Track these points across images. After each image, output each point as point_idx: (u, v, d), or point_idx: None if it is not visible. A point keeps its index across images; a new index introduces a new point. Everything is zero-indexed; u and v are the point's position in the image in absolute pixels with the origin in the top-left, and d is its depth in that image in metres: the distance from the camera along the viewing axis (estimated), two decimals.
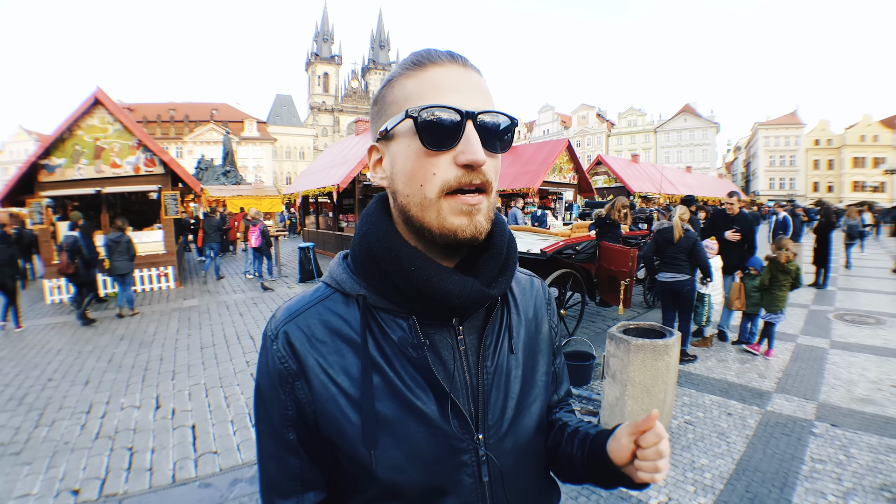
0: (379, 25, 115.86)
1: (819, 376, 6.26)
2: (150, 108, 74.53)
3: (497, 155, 0.84)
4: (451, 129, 0.77)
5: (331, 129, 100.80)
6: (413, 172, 0.81)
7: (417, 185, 0.81)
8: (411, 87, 0.81)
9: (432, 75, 0.81)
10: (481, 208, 0.81)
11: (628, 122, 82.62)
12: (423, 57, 0.82)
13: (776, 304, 6.91)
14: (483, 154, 0.78)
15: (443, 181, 0.79)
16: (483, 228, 0.82)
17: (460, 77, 0.81)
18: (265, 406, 0.91)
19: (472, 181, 0.79)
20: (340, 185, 16.57)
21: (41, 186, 12.93)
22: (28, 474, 4.40)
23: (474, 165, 0.78)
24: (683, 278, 6.77)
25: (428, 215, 0.81)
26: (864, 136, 68.42)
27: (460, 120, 0.77)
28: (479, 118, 0.79)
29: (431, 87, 0.80)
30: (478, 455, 0.88)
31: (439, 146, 0.78)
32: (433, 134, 0.77)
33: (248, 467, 4.44)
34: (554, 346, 1.13)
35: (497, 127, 0.82)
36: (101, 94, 12.94)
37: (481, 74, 0.86)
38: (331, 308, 0.90)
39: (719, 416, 5.20)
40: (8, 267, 9.46)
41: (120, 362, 7.48)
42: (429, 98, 0.79)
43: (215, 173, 37.19)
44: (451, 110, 0.77)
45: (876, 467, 4.18)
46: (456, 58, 0.83)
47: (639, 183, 30.16)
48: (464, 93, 0.80)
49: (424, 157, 0.79)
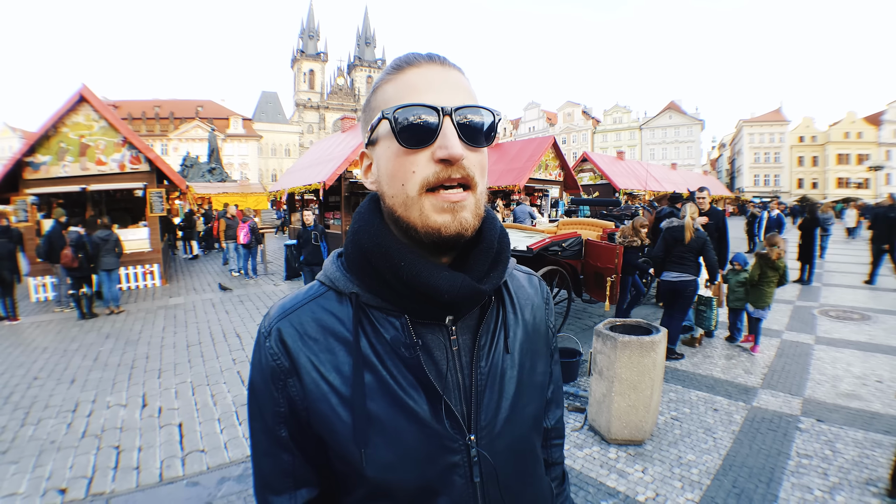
0: (365, 22, 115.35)
1: (804, 372, 6.32)
2: (135, 105, 73.59)
3: (480, 149, 0.84)
4: (428, 126, 0.78)
5: (316, 126, 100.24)
6: (394, 172, 0.82)
7: (399, 184, 0.81)
8: (391, 91, 0.82)
9: (409, 77, 0.81)
10: (466, 204, 0.81)
11: (614, 120, 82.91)
12: (402, 61, 0.84)
13: (764, 299, 6.97)
14: (460, 148, 0.78)
15: (422, 178, 0.79)
16: (469, 225, 0.82)
17: (437, 76, 0.82)
18: (258, 403, 0.90)
19: (451, 175, 0.79)
20: (327, 183, 16.50)
21: (26, 184, 12.79)
22: (14, 473, 4.37)
23: (451, 160, 0.78)
24: (689, 278, 6.74)
25: (412, 214, 0.81)
26: (849, 132, 68.90)
27: (436, 116, 0.78)
28: (458, 113, 0.79)
29: (408, 88, 0.81)
30: (469, 456, 0.88)
31: (416, 144, 0.78)
32: (409, 132, 0.78)
33: (236, 465, 4.42)
34: (551, 346, 1.13)
35: (477, 121, 0.82)
36: (86, 91, 12.81)
37: (462, 72, 0.86)
38: (324, 306, 0.90)
39: (706, 412, 5.24)
40: (6, 260, 10.00)
41: (106, 360, 7.43)
42: (406, 99, 0.79)
43: (201, 170, 36.87)
44: (426, 107, 0.77)
45: (862, 462, 4.23)
46: (434, 58, 0.84)
47: (624, 180, 30.37)
48: (441, 90, 0.80)
49: (403, 156, 0.80)
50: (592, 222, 9.83)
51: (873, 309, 9.83)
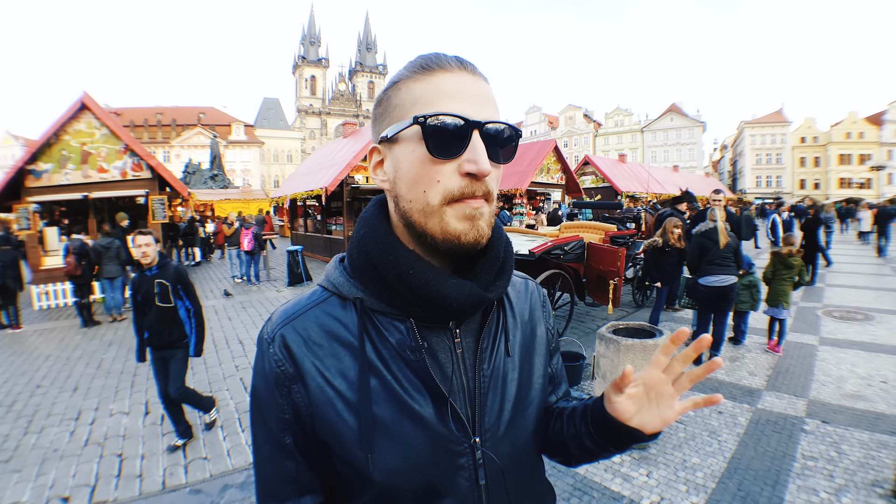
0: (366, 28, 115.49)
1: (809, 373, 6.29)
2: (137, 112, 73.94)
3: (500, 165, 0.84)
4: (458, 137, 0.77)
5: (318, 132, 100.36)
6: (417, 178, 0.80)
7: (420, 190, 0.80)
8: (419, 92, 0.80)
9: (441, 81, 0.80)
10: (483, 213, 0.81)
11: (615, 123, 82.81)
12: (432, 61, 0.82)
13: (777, 297, 6.97)
14: (489, 164, 0.78)
15: (446, 189, 0.78)
16: (485, 234, 0.82)
17: (469, 85, 0.81)
18: (261, 410, 0.90)
19: (476, 192, 0.79)
20: (328, 188, 16.51)
21: (28, 192, 12.85)
22: (18, 482, 4.37)
23: (479, 175, 0.78)
24: (734, 281, 6.62)
25: (430, 221, 0.81)
26: (850, 133, 68.76)
27: (467, 129, 0.77)
28: (486, 128, 0.79)
29: (440, 93, 0.79)
30: (475, 458, 0.88)
31: (445, 154, 0.77)
32: (440, 141, 0.77)
33: (239, 473, 4.41)
34: (551, 348, 1.13)
35: (502, 137, 0.82)
36: (87, 98, 12.88)
37: (489, 83, 0.86)
38: (328, 311, 0.90)
39: (710, 414, 5.21)
40: (10, 268, 9.94)
41: (108, 368, 7.42)
42: (437, 104, 0.78)
43: (203, 177, 37.16)
44: (459, 119, 0.76)
45: (867, 463, 4.20)
46: (465, 65, 0.83)
47: (626, 182, 30.38)
48: (472, 101, 0.79)
49: (429, 164, 0.79)
50: (595, 225, 9.81)
51: (877, 309, 9.78)
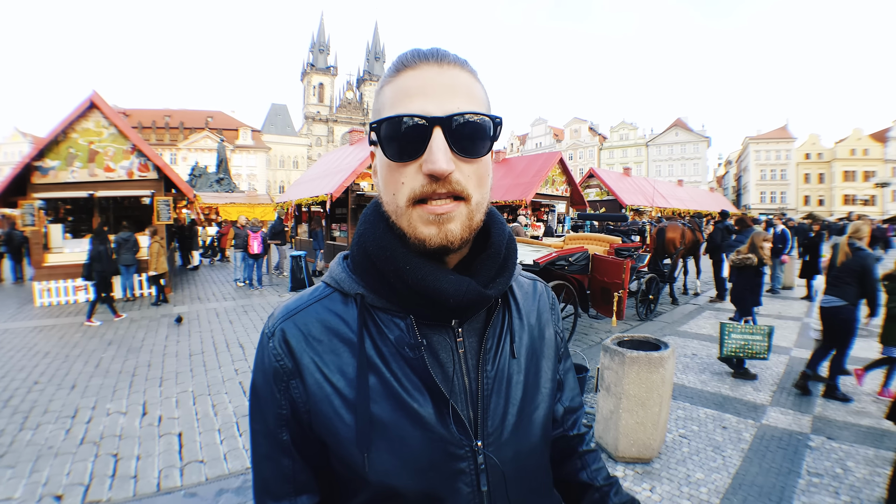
0: (375, 37, 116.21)
1: (814, 389, 6.21)
2: (145, 113, 74.41)
3: (476, 159, 0.79)
4: (416, 137, 0.75)
5: (325, 139, 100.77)
6: (387, 181, 0.81)
7: (391, 193, 0.80)
8: (388, 95, 0.80)
9: (404, 80, 0.78)
10: (454, 216, 0.78)
11: (620, 136, 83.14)
12: (400, 61, 0.80)
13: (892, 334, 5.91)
14: (445, 163, 0.74)
15: (410, 190, 0.77)
16: (455, 237, 0.79)
17: (433, 78, 0.77)
18: (260, 404, 0.88)
19: (437, 190, 0.76)
20: (333, 195, 16.51)
21: (34, 188, 12.85)
22: (11, 478, 4.34)
23: (437, 175, 0.74)
24: (840, 304, 5.89)
25: (402, 222, 0.80)
26: (855, 149, 68.87)
27: (427, 127, 0.74)
28: (452, 121, 0.75)
29: (402, 93, 0.78)
30: (476, 463, 0.84)
31: (404, 157, 0.76)
32: (396, 145, 0.76)
33: (235, 477, 4.36)
34: (560, 352, 1.10)
35: (473, 129, 0.77)
36: (96, 97, 12.90)
37: (465, 67, 0.82)
38: (329, 307, 0.89)
39: (714, 429, 5.16)
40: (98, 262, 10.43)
41: (107, 367, 7.39)
42: (398, 105, 0.77)
43: (209, 180, 37.26)
44: (414, 118, 0.74)
45: (873, 480, 4.16)
46: (430, 56, 0.79)
47: (631, 196, 30.35)
48: (435, 96, 0.76)
49: (394, 167, 0.78)
50: (599, 237, 9.79)
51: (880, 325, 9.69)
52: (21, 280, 17.18)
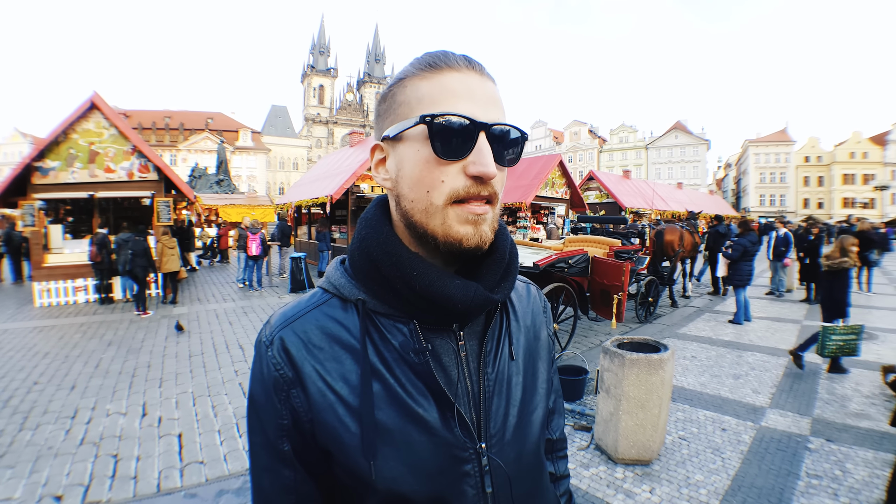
0: (375, 39, 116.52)
1: (813, 391, 6.24)
2: (145, 114, 74.26)
3: (504, 168, 0.83)
4: (465, 138, 0.76)
5: (325, 141, 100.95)
6: (421, 178, 0.79)
7: (424, 190, 0.79)
8: (426, 90, 0.79)
9: (449, 80, 0.78)
10: (487, 218, 0.80)
11: (620, 139, 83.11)
12: (441, 59, 0.80)
13: None
14: (494, 167, 0.76)
15: (451, 189, 0.77)
16: (487, 238, 0.81)
17: (477, 85, 0.79)
18: (259, 416, 0.87)
19: (481, 192, 0.78)
20: (333, 196, 16.53)
21: (34, 188, 12.86)
22: (10, 478, 4.34)
23: (485, 178, 0.76)
24: None
25: (433, 222, 0.79)
26: (854, 152, 68.91)
27: (474, 130, 0.76)
28: (492, 130, 0.77)
29: (447, 92, 0.77)
30: (481, 465, 0.85)
31: (451, 155, 0.76)
32: (446, 142, 0.76)
33: (235, 478, 4.36)
34: (552, 355, 1.12)
35: (508, 140, 0.81)
36: (97, 98, 12.91)
37: (496, 83, 0.84)
38: (328, 313, 0.87)
39: (714, 431, 5.16)
40: (141, 258, 11.31)
41: (107, 368, 7.39)
42: (444, 104, 0.76)
43: (209, 181, 37.23)
44: (467, 119, 0.75)
45: (872, 482, 4.16)
46: (473, 64, 0.81)
47: (630, 198, 30.39)
48: (479, 102, 0.78)
49: (434, 165, 0.77)
50: (599, 240, 9.79)
51: (880, 328, 9.77)
52: (20, 280, 17.18)
